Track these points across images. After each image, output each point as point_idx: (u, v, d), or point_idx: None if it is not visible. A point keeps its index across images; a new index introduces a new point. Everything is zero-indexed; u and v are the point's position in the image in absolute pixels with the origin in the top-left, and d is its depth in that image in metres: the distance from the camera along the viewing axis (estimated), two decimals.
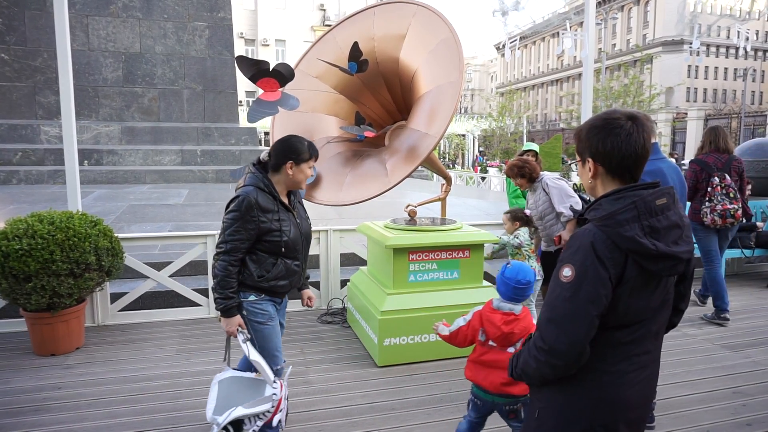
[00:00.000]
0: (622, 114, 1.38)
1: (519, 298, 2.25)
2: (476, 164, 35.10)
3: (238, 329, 2.38)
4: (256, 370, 2.42)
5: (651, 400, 1.49)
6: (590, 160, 1.42)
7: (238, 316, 2.40)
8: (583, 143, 1.43)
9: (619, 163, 1.37)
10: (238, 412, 2.28)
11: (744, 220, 4.72)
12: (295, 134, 2.56)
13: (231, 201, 2.38)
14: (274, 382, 2.37)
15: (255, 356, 2.36)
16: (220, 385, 2.42)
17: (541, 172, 4.27)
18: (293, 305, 4.83)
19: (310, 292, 2.75)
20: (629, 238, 1.29)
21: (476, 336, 2.31)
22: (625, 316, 1.35)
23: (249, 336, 2.42)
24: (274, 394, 2.36)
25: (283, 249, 2.45)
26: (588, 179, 1.45)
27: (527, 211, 4.17)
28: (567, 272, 1.34)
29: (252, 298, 2.44)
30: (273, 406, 2.35)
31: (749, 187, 6.01)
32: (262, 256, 2.42)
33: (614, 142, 1.36)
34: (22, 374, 3.47)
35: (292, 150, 2.45)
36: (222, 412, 2.29)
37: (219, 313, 2.39)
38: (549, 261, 4.24)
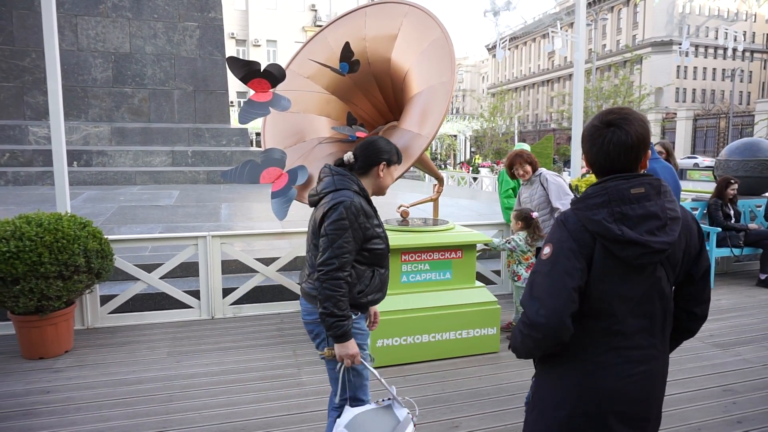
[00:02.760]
0: (600, 121, 1.46)
1: None
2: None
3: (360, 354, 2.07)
4: (361, 401, 2.15)
5: (651, 398, 1.51)
6: (588, 165, 1.56)
7: (354, 339, 2.07)
8: (584, 149, 1.56)
9: (600, 169, 1.48)
10: None
11: None
12: (379, 136, 2.29)
13: (329, 209, 2.00)
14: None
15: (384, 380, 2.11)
16: (349, 430, 2.04)
17: (539, 168, 4.31)
18: (285, 306, 4.82)
19: (376, 307, 2.36)
20: (596, 221, 1.38)
21: None
22: (600, 302, 1.41)
23: (373, 357, 2.20)
24: (408, 411, 2.08)
25: (385, 258, 2.19)
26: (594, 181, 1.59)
27: (534, 214, 4.09)
28: (546, 250, 1.44)
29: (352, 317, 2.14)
30: (414, 425, 2.06)
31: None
32: (360, 269, 2.11)
33: (595, 152, 1.47)
34: (10, 378, 3.42)
35: (384, 150, 2.20)
36: None
37: (332, 343, 2.04)
38: None
